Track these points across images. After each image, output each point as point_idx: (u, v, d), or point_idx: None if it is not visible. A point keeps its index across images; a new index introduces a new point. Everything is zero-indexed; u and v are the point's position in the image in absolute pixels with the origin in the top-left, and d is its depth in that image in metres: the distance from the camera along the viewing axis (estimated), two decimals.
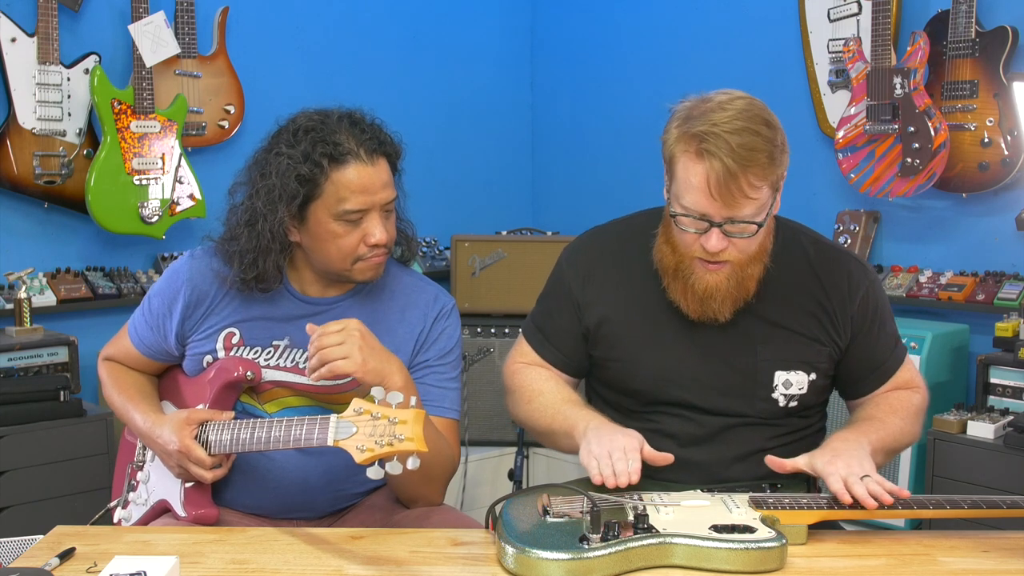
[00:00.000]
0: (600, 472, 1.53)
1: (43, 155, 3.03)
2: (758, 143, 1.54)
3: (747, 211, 1.57)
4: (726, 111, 1.56)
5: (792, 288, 1.73)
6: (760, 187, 1.55)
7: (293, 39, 3.69)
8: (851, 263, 1.77)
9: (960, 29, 2.88)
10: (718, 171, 1.53)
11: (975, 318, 3.01)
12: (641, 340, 1.74)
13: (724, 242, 1.59)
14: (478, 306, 3.70)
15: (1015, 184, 2.89)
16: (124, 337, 1.92)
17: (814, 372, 1.72)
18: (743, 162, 1.53)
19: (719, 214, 1.57)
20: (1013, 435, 2.59)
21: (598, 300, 1.78)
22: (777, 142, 1.57)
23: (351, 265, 1.74)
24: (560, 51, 4.31)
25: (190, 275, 1.82)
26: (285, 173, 1.68)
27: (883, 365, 1.78)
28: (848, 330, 1.73)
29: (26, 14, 3.01)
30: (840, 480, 1.51)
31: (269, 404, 1.80)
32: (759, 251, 1.65)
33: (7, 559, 2.28)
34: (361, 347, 1.61)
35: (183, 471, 1.71)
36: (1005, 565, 1.44)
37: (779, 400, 1.71)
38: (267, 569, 1.43)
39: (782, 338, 1.71)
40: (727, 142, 1.53)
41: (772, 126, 1.58)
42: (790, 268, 1.73)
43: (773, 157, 1.56)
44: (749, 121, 1.55)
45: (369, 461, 1.41)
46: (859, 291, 1.73)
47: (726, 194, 1.54)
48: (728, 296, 1.65)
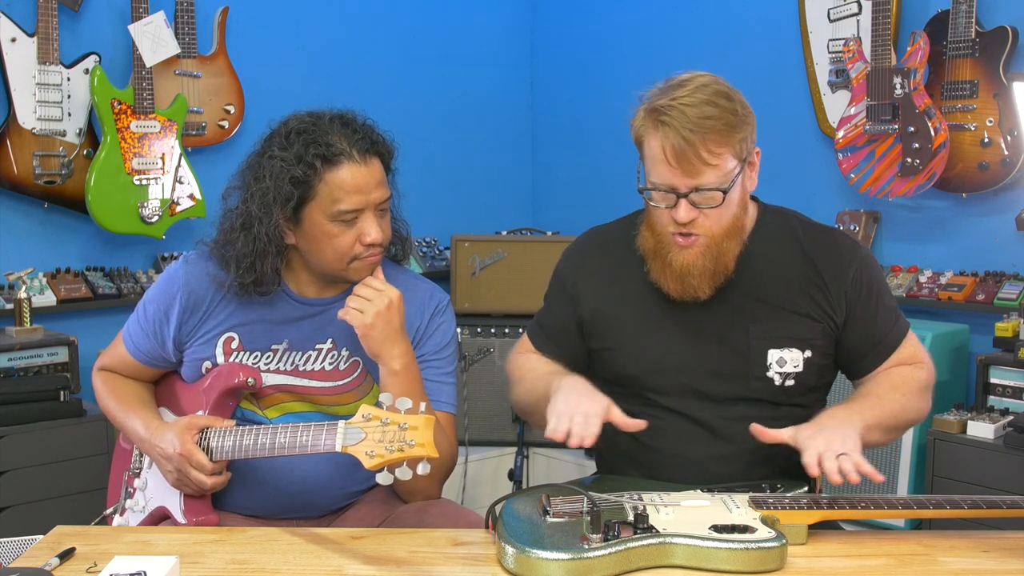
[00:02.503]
0: (556, 429, 1.55)
1: (43, 155, 3.03)
2: (714, 112, 1.60)
3: (709, 178, 1.61)
4: (685, 87, 1.64)
5: (782, 266, 1.74)
6: (720, 154, 1.60)
7: (293, 39, 3.69)
8: (841, 239, 1.79)
9: (960, 29, 2.88)
10: (674, 140, 1.59)
11: (975, 318, 3.01)
12: (633, 327, 1.77)
13: (693, 212, 1.63)
14: (478, 306, 3.70)
15: (1015, 184, 2.89)
16: (119, 346, 1.91)
17: (809, 349, 1.72)
18: (699, 129, 1.58)
19: (683, 183, 1.62)
20: (1013, 435, 2.59)
21: (591, 291, 1.82)
22: (737, 111, 1.62)
23: (347, 265, 1.74)
24: (560, 51, 4.31)
25: (186, 280, 1.81)
26: (279, 176, 1.69)
27: (883, 340, 1.76)
28: (842, 305, 1.73)
29: (26, 14, 3.01)
30: (815, 454, 1.51)
31: (270, 410, 1.80)
32: (733, 225, 1.67)
33: (7, 559, 2.28)
34: (379, 312, 1.69)
35: (181, 478, 1.70)
36: (1005, 565, 1.44)
37: (774, 379, 1.71)
38: (267, 569, 1.43)
39: (774, 316, 1.72)
40: (682, 112, 1.59)
41: (731, 98, 1.63)
42: (779, 247, 1.75)
43: (732, 125, 1.61)
44: (706, 93, 1.62)
45: (379, 467, 1.42)
46: (851, 266, 1.74)
47: (685, 162, 1.60)
48: (705, 272, 1.67)
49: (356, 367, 1.82)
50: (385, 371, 1.72)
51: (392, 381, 1.71)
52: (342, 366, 1.81)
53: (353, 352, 1.81)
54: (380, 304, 1.70)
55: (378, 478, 1.42)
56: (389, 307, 1.70)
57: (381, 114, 1.85)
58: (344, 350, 1.81)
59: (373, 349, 1.71)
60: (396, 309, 1.71)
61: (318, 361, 1.80)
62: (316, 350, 1.81)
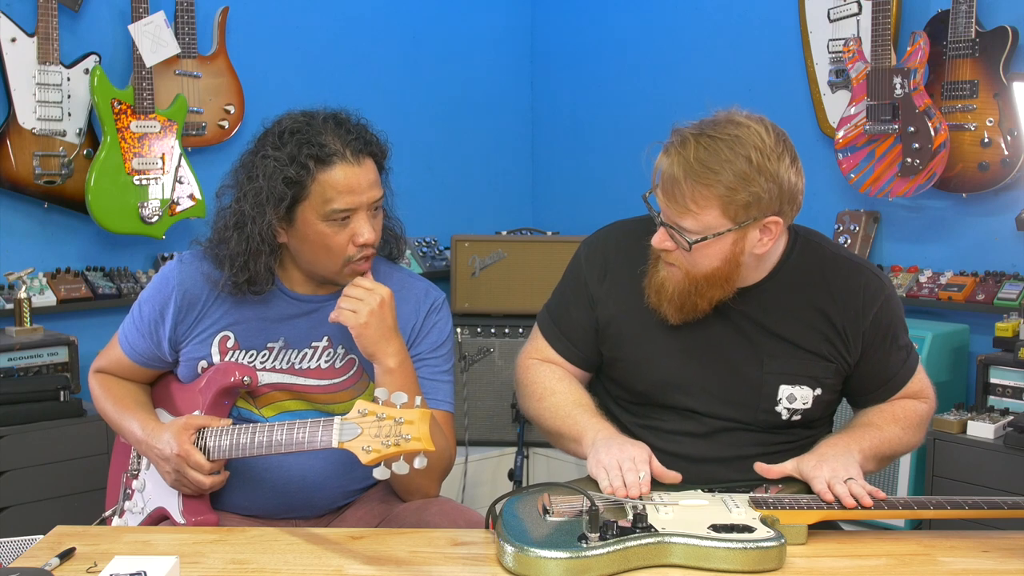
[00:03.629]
0: (611, 483, 1.54)
1: (43, 155, 3.03)
2: (719, 165, 1.52)
3: (687, 223, 1.57)
4: (717, 122, 1.57)
5: (803, 304, 1.71)
6: (705, 208, 1.54)
7: (293, 39, 3.69)
8: (867, 277, 1.73)
9: (960, 29, 2.88)
10: (668, 170, 1.56)
11: (975, 318, 3.01)
12: (648, 343, 1.75)
13: (667, 243, 1.61)
14: (478, 306, 3.70)
15: (1015, 184, 2.89)
16: (114, 347, 1.91)
17: (820, 387, 1.71)
18: (693, 174, 1.53)
19: (665, 214, 1.60)
20: (1013, 435, 2.58)
21: (610, 297, 1.78)
22: (747, 175, 1.52)
23: (341, 268, 1.75)
24: (560, 51, 4.31)
25: (180, 279, 1.82)
26: (272, 175, 1.69)
27: (894, 378, 1.76)
28: (858, 346, 1.71)
29: (26, 14, 3.01)
30: (824, 482, 1.53)
31: (266, 408, 1.80)
32: (714, 276, 1.61)
33: (7, 559, 2.28)
34: (372, 311, 1.69)
35: (180, 478, 1.70)
36: (1005, 565, 1.44)
37: (782, 413, 1.71)
38: (267, 569, 1.43)
39: (789, 353, 1.70)
40: (691, 147, 1.54)
41: (751, 160, 1.53)
42: (803, 285, 1.71)
43: (733, 189, 1.53)
44: (730, 141, 1.53)
45: (375, 462, 1.41)
46: (873, 306, 1.70)
47: (670, 195, 1.57)
48: (674, 299, 1.66)
49: (352, 365, 1.82)
50: (380, 370, 1.72)
51: (387, 379, 1.71)
52: (338, 364, 1.82)
53: (349, 350, 1.81)
54: (373, 303, 1.70)
55: (375, 473, 1.41)
56: (382, 305, 1.70)
57: (381, 114, 1.85)
58: (340, 347, 1.81)
59: (368, 348, 1.71)
60: (388, 307, 1.72)
61: (314, 359, 1.81)
62: (312, 348, 1.81)
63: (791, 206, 1.61)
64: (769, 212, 1.57)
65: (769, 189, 1.55)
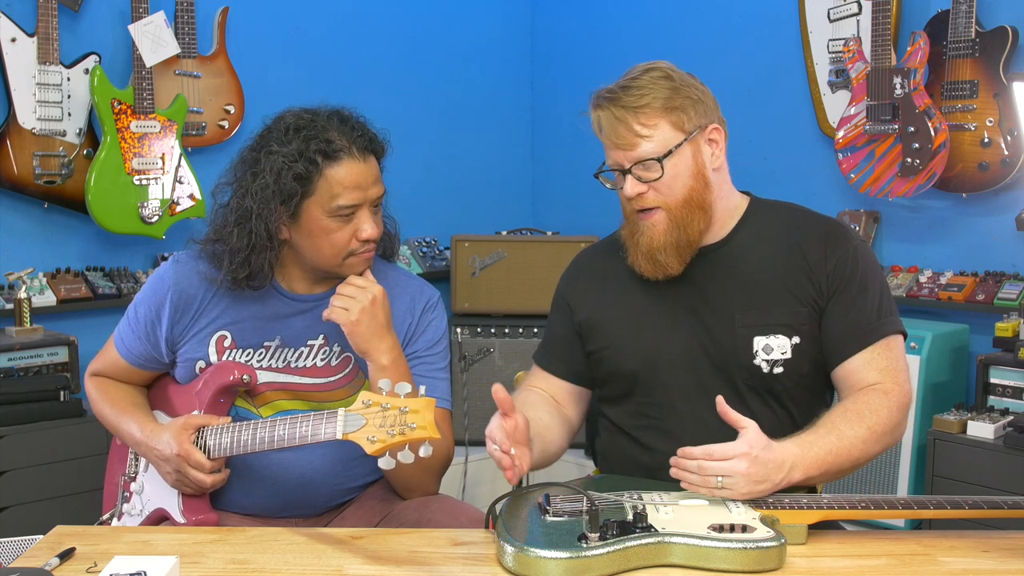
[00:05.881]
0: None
1: (43, 155, 3.03)
2: (647, 90, 1.67)
3: (645, 148, 1.66)
4: (627, 75, 1.72)
5: (770, 254, 1.75)
6: (655, 125, 1.66)
7: (293, 39, 3.69)
8: (835, 229, 1.77)
9: (960, 29, 2.88)
10: (606, 117, 1.68)
11: (975, 318, 3.01)
12: (626, 322, 1.79)
13: (640, 186, 1.68)
14: (478, 306, 3.70)
15: (1015, 184, 2.89)
16: (111, 350, 1.91)
17: (796, 335, 1.71)
18: (630, 103, 1.67)
19: (624, 158, 1.69)
20: (1013, 435, 2.59)
21: (585, 299, 1.86)
22: (677, 88, 1.67)
23: (343, 261, 1.75)
24: (560, 51, 4.31)
25: (176, 279, 1.82)
26: (280, 171, 1.69)
27: (862, 330, 1.70)
28: (825, 290, 1.72)
29: (26, 14, 3.01)
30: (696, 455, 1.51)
31: (264, 408, 1.81)
32: (690, 197, 1.69)
33: (7, 559, 2.28)
34: (364, 309, 1.70)
35: (180, 478, 1.70)
36: (1005, 565, 1.44)
37: (762, 367, 1.71)
38: (267, 569, 1.43)
39: (760, 304, 1.72)
40: (617, 92, 1.69)
41: (670, 77, 1.69)
42: (769, 236, 1.76)
43: (668, 99, 1.66)
44: (642, 74, 1.70)
45: (381, 452, 1.42)
46: (837, 252, 1.73)
47: (617, 136, 1.68)
48: (670, 246, 1.71)
49: (348, 363, 1.82)
50: (374, 367, 1.73)
51: (381, 376, 1.71)
52: (334, 362, 1.82)
53: (344, 348, 1.81)
54: (364, 300, 1.71)
55: (380, 463, 1.42)
56: (373, 303, 1.71)
57: (381, 114, 1.86)
58: (336, 346, 1.82)
59: (360, 346, 1.72)
60: (380, 305, 1.73)
61: (310, 357, 1.81)
62: (308, 346, 1.81)
63: (720, 118, 1.74)
64: (707, 121, 1.71)
65: (697, 96, 1.70)
